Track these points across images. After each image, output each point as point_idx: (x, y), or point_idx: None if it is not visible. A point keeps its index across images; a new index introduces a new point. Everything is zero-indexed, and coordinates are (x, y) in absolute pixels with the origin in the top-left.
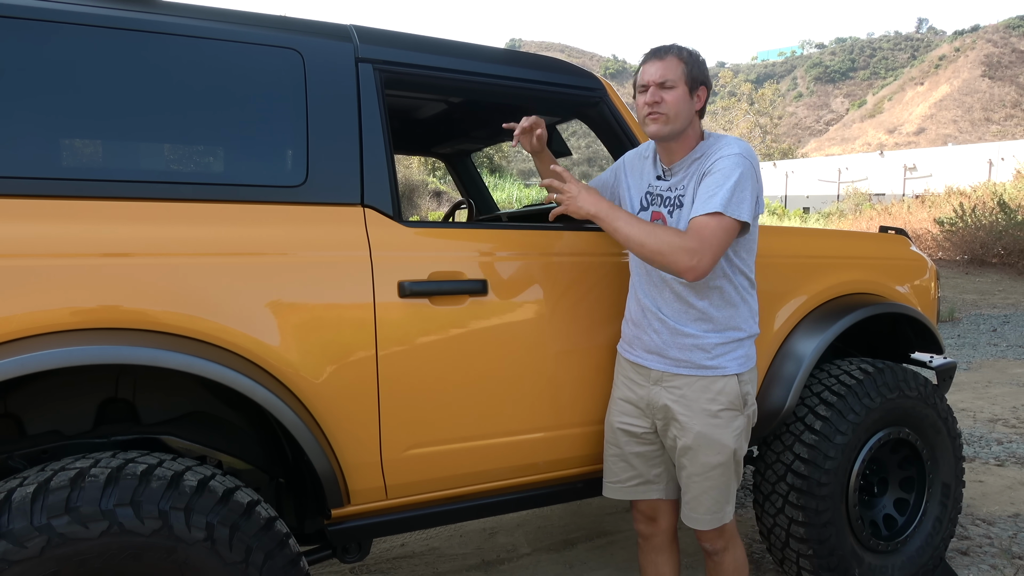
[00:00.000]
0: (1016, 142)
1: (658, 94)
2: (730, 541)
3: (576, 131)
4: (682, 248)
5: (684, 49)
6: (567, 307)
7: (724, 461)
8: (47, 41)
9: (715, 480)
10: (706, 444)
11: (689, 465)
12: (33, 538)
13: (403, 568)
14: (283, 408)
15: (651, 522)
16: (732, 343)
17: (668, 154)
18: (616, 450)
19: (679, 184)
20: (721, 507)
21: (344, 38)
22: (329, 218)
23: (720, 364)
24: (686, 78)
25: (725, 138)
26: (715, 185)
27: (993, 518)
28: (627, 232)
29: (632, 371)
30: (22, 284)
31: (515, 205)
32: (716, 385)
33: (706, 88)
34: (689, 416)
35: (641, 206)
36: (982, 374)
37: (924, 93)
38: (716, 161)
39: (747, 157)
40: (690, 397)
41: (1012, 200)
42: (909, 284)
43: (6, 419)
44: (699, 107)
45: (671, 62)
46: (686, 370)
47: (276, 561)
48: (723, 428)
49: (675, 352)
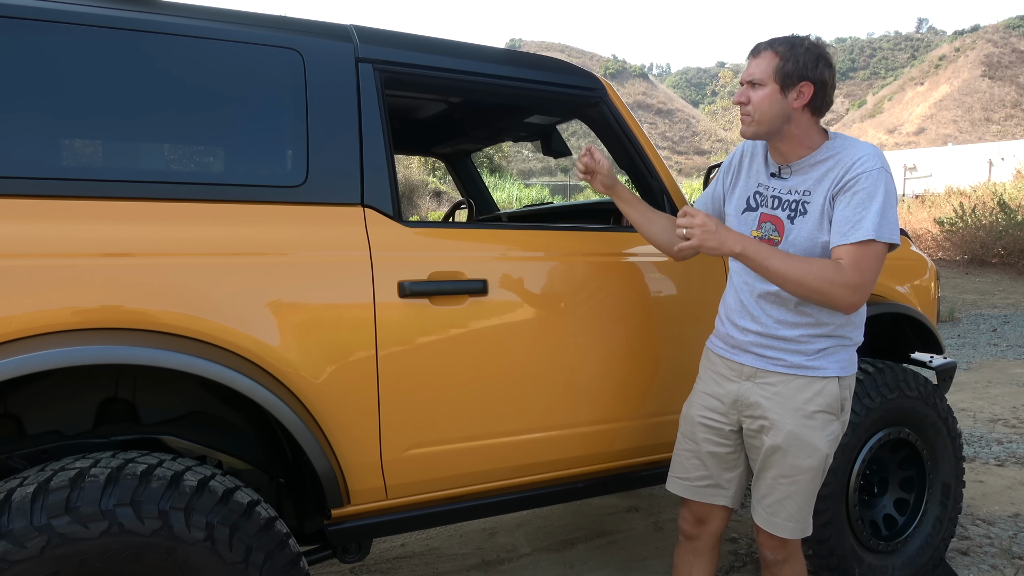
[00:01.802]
0: (1016, 142)
1: (746, 94)
2: (792, 554)
3: (576, 131)
4: (843, 285)
5: (787, 41)
6: (567, 307)
7: (815, 466)
8: (47, 41)
9: (802, 485)
10: (797, 445)
11: (777, 466)
12: (33, 538)
13: (403, 568)
14: (283, 408)
15: (700, 525)
16: (836, 347)
17: (779, 154)
18: (692, 445)
19: (799, 187)
20: (805, 516)
21: (344, 38)
22: (329, 218)
23: (821, 365)
24: (777, 75)
25: (857, 144)
26: (861, 207)
27: (993, 518)
28: (782, 271)
29: (723, 366)
30: (23, 284)
31: (515, 205)
32: (815, 386)
33: (812, 83)
34: (781, 414)
35: (748, 206)
36: (982, 374)
37: (924, 93)
38: (859, 177)
39: (887, 170)
40: (784, 395)
41: (1012, 200)
42: (909, 284)
43: (6, 419)
44: (799, 104)
45: (764, 57)
46: (784, 368)
47: (276, 561)
48: (817, 431)
49: (774, 353)
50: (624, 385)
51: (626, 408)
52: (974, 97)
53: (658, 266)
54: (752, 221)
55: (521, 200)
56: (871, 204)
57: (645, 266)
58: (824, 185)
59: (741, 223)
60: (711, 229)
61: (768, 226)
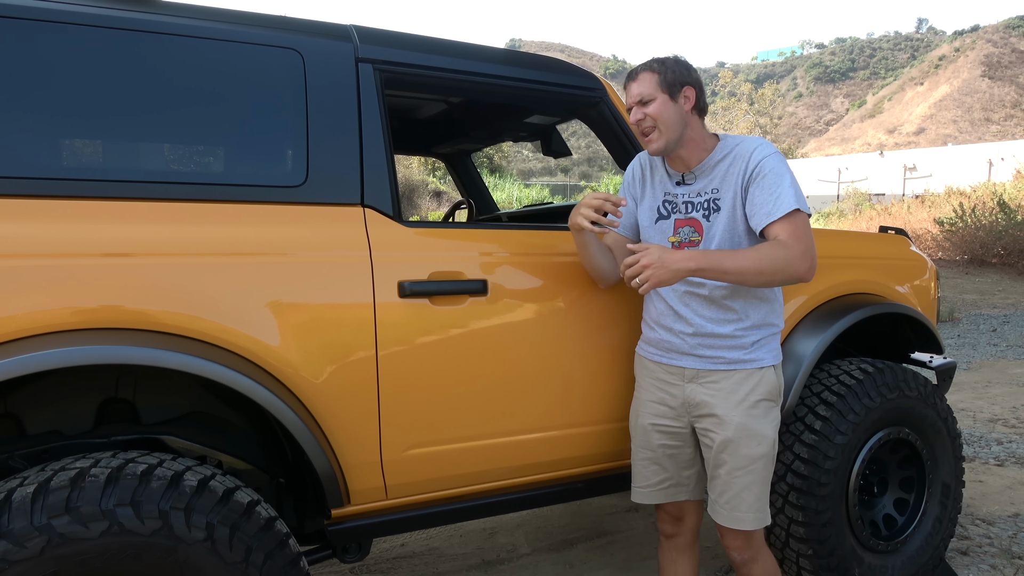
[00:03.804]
0: (1016, 142)
1: (640, 111)
2: (759, 550)
3: (576, 131)
4: (796, 256)
5: (655, 60)
6: (567, 307)
7: (766, 452)
8: (47, 41)
9: (757, 474)
10: (747, 435)
11: (730, 460)
12: (33, 538)
13: (403, 568)
14: (283, 408)
15: (677, 522)
16: (767, 337)
17: (680, 162)
18: (648, 453)
19: (707, 188)
20: (763, 505)
21: (344, 38)
22: (329, 218)
23: (757, 357)
24: (662, 86)
25: (746, 138)
26: (775, 186)
27: (993, 518)
28: (740, 267)
29: (662, 372)
30: (23, 284)
31: (515, 205)
32: (754, 377)
33: (692, 87)
34: (727, 409)
35: (660, 215)
36: (982, 374)
37: (924, 93)
38: (762, 163)
39: (781, 154)
40: (728, 389)
41: (1012, 200)
42: (909, 284)
43: (6, 419)
44: (689, 107)
45: (643, 78)
46: (723, 366)
47: (276, 561)
48: (763, 418)
49: (710, 351)
50: (624, 385)
51: (626, 408)
52: (974, 97)
53: None
54: (667, 228)
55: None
56: (782, 182)
57: None
58: (730, 180)
59: (656, 231)
60: (657, 263)
61: (686, 229)
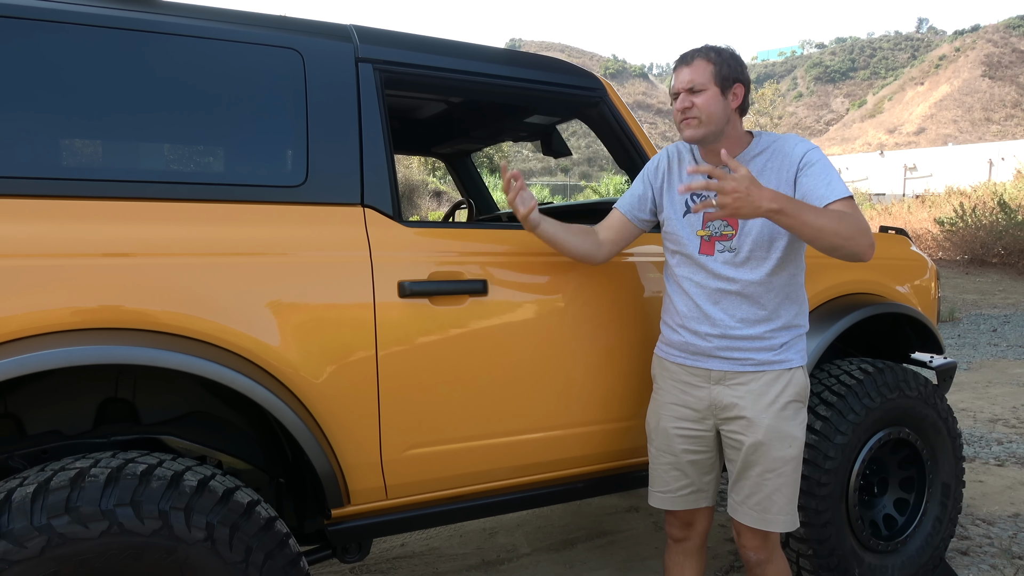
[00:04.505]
0: (1016, 142)
1: (688, 99)
2: (774, 552)
3: (576, 131)
4: (864, 229)
5: (713, 49)
6: (567, 307)
7: (796, 454)
8: (47, 41)
9: (788, 476)
10: (778, 438)
11: (761, 462)
12: (33, 538)
13: (403, 568)
14: (283, 408)
15: (688, 527)
16: (795, 338)
17: (714, 155)
18: (670, 458)
19: None
20: (793, 507)
21: (344, 38)
22: (329, 218)
23: (787, 357)
24: (716, 78)
25: (783, 135)
26: (825, 175)
27: (993, 518)
28: (820, 223)
29: (685, 374)
30: (23, 284)
31: None
32: (784, 378)
33: (742, 85)
34: (757, 411)
35: (688, 208)
36: (982, 374)
37: (924, 93)
38: (808, 153)
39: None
40: (757, 391)
41: (1012, 200)
42: (909, 284)
43: (6, 419)
44: (736, 105)
45: (698, 65)
46: (752, 367)
47: (276, 561)
48: (792, 420)
49: (739, 353)
50: (624, 385)
51: (626, 408)
52: (974, 97)
53: (658, 266)
54: (696, 221)
55: None
56: (831, 172)
57: (645, 266)
58: (769, 174)
59: (684, 224)
60: (743, 193)
61: (718, 223)
